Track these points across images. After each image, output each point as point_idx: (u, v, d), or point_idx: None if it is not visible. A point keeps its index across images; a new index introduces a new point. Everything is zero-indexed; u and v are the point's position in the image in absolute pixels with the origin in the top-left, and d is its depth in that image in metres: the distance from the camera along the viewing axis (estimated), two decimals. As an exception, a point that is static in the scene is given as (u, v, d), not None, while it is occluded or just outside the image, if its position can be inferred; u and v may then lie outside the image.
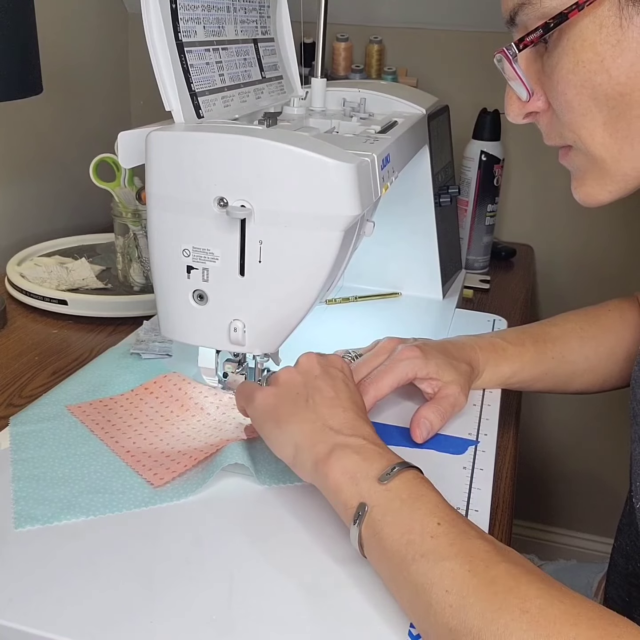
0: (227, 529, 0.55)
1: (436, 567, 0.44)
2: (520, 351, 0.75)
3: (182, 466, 0.60)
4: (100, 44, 1.37)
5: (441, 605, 0.43)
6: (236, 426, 0.66)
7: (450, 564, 0.44)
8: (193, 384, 0.72)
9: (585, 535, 1.64)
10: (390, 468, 0.50)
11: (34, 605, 0.47)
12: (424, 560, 0.45)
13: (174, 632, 0.46)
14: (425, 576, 0.44)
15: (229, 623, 0.47)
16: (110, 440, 0.64)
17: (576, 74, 0.50)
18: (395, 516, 0.47)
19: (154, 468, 0.60)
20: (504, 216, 1.41)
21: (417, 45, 1.36)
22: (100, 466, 0.60)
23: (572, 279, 1.44)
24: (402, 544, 0.46)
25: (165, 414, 0.68)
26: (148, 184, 0.58)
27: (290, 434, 0.55)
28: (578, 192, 0.58)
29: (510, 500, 0.65)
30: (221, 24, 0.65)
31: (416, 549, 0.45)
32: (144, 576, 0.50)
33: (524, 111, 0.58)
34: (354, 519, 0.49)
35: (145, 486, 0.58)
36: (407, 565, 0.45)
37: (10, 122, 1.13)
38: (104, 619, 0.46)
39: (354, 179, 0.54)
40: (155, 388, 0.71)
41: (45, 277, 0.99)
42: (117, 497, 0.57)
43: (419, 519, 0.47)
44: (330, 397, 0.56)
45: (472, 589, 0.42)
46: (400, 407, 0.73)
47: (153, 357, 0.79)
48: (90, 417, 0.66)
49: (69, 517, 0.54)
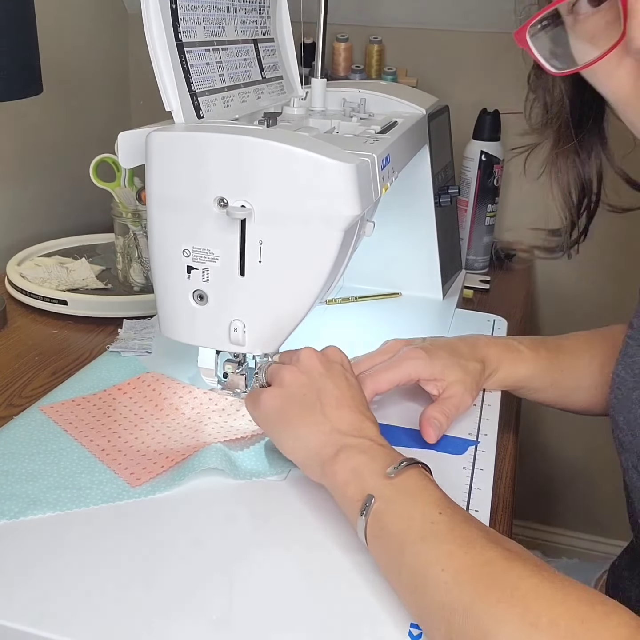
0: (227, 528, 0.55)
1: (435, 549, 0.45)
2: (535, 356, 0.74)
3: (159, 467, 0.60)
4: (100, 44, 1.37)
5: (436, 582, 0.44)
6: (212, 427, 0.67)
7: (448, 546, 0.45)
8: (167, 385, 0.72)
9: (585, 535, 1.63)
10: (398, 463, 0.51)
11: (34, 605, 0.47)
12: (424, 542, 0.46)
13: (174, 632, 0.46)
14: (425, 556, 0.45)
15: (229, 623, 0.47)
16: (84, 438, 0.64)
17: None
18: (398, 505, 0.49)
19: (131, 467, 0.60)
20: (504, 216, 1.41)
21: (417, 45, 1.36)
22: (70, 462, 0.60)
23: (572, 279, 1.44)
24: (403, 529, 0.48)
25: (140, 413, 0.68)
26: (148, 184, 0.58)
27: (301, 437, 0.56)
28: None
29: (510, 500, 0.65)
30: (221, 24, 0.65)
31: (417, 532, 0.47)
32: (144, 576, 0.50)
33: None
34: (361, 511, 0.50)
35: (113, 482, 0.58)
36: (408, 547, 0.46)
37: (10, 122, 1.13)
38: (105, 618, 0.46)
39: (354, 179, 0.54)
40: (129, 389, 0.72)
41: (45, 277, 0.99)
42: (84, 492, 0.57)
43: (421, 508, 0.48)
44: (336, 397, 0.57)
45: (467, 568, 0.44)
46: (403, 408, 0.73)
47: (132, 354, 0.79)
48: (63, 417, 0.67)
49: (35, 513, 0.54)
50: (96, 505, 0.56)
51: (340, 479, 0.53)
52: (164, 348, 0.80)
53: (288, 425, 0.57)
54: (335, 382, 0.59)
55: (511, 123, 1.31)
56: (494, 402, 0.75)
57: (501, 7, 1.28)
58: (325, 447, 0.55)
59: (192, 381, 0.74)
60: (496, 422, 0.72)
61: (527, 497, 1.57)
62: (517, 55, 1.31)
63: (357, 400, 0.59)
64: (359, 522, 0.50)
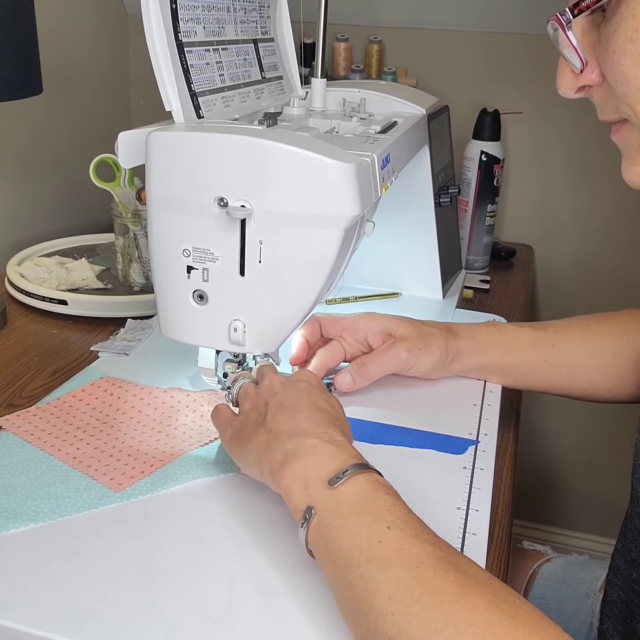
0: (226, 527, 0.55)
1: (382, 572, 0.42)
2: (517, 330, 0.75)
3: (138, 472, 0.60)
4: (100, 44, 1.37)
5: (383, 612, 0.41)
6: (183, 431, 0.66)
7: (396, 571, 0.42)
8: (124, 387, 0.71)
9: (586, 535, 1.63)
10: (342, 471, 0.49)
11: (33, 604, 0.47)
12: (370, 565, 0.43)
13: (174, 632, 0.46)
14: (370, 581, 0.42)
15: (229, 623, 0.47)
16: (50, 448, 0.62)
17: (634, 42, 0.46)
18: (344, 521, 0.46)
19: (109, 473, 0.60)
20: (504, 216, 1.41)
21: (417, 45, 1.36)
22: (41, 473, 0.59)
23: (572, 278, 1.44)
24: (349, 548, 0.45)
25: (102, 418, 0.67)
26: (148, 184, 0.58)
27: (250, 452, 0.55)
28: (629, 172, 0.53)
29: (510, 500, 0.65)
30: (221, 24, 0.65)
31: (362, 553, 0.44)
32: (144, 575, 0.50)
33: (576, 84, 0.53)
34: (301, 522, 0.48)
35: (92, 488, 0.58)
36: (352, 570, 0.43)
37: (10, 122, 1.13)
38: (104, 619, 0.46)
39: (354, 179, 0.54)
40: (85, 396, 0.71)
41: (45, 277, 0.99)
42: (63, 501, 0.56)
43: (368, 523, 0.45)
44: (286, 405, 0.56)
45: (417, 597, 0.40)
46: (399, 407, 0.73)
47: (109, 355, 0.79)
48: (22, 429, 0.65)
49: (17, 526, 0.53)
50: (78, 512, 0.55)
51: (284, 487, 0.50)
52: (164, 348, 0.80)
53: (241, 445, 0.56)
54: (291, 395, 0.57)
55: (511, 123, 1.32)
56: (494, 402, 0.75)
57: (501, 8, 1.28)
58: (271, 452, 0.52)
59: (191, 381, 0.74)
60: (496, 422, 0.72)
61: (527, 497, 1.57)
62: (517, 55, 1.32)
63: (311, 405, 0.56)
64: (299, 533, 0.48)
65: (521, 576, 0.86)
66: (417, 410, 0.73)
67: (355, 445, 0.66)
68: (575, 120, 1.33)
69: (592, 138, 1.32)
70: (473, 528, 0.57)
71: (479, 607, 0.39)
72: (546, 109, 1.34)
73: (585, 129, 1.33)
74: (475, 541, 0.55)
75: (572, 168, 1.35)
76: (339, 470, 0.49)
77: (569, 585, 0.83)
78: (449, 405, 0.74)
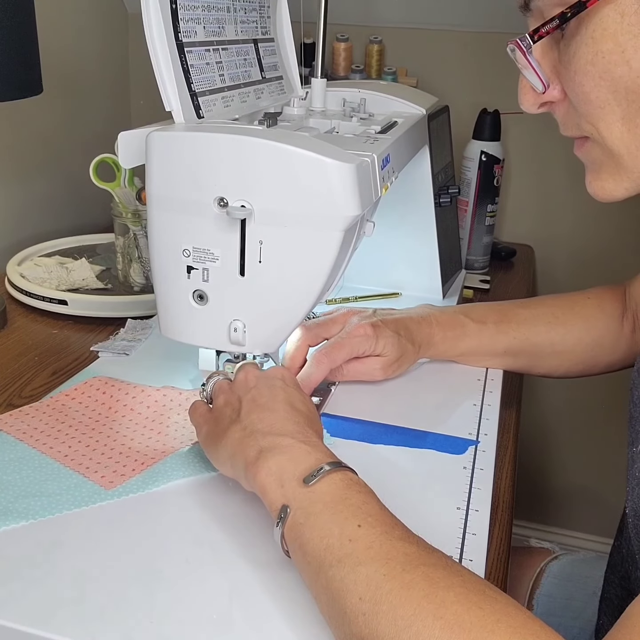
0: (226, 526, 0.55)
1: (352, 572, 0.42)
2: (480, 329, 0.78)
3: (129, 469, 0.60)
4: (100, 44, 1.37)
5: (355, 613, 0.41)
6: (175, 429, 0.66)
7: (365, 569, 0.42)
8: (117, 386, 0.72)
9: (586, 535, 1.63)
10: (317, 469, 0.49)
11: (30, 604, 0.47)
12: (341, 565, 0.43)
13: (174, 632, 0.46)
14: (342, 582, 0.42)
15: (229, 623, 0.47)
16: (42, 446, 0.62)
17: (595, 64, 0.47)
18: (316, 520, 0.46)
19: (100, 470, 0.60)
20: (504, 216, 1.41)
21: (417, 45, 1.36)
22: (32, 470, 0.59)
23: (572, 279, 1.44)
24: (322, 548, 0.45)
25: (94, 417, 0.68)
26: (148, 184, 0.58)
27: (224, 447, 0.54)
28: (592, 186, 0.55)
29: (510, 500, 0.65)
30: (221, 24, 0.65)
31: (334, 553, 0.44)
32: (144, 575, 0.50)
33: (538, 101, 0.54)
34: (276, 522, 0.48)
35: (83, 486, 0.58)
36: (325, 571, 0.44)
37: (10, 122, 1.13)
38: (105, 618, 0.46)
39: (354, 179, 0.54)
40: (77, 394, 0.71)
41: (45, 277, 0.99)
42: (54, 499, 0.56)
43: (339, 522, 0.46)
44: (262, 403, 0.56)
45: (386, 594, 0.40)
46: (400, 407, 0.73)
47: (109, 355, 0.79)
48: (15, 427, 0.65)
49: (8, 523, 0.53)
50: (69, 510, 0.55)
51: (259, 484, 0.50)
52: (164, 348, 0.79)
53: (216, 442, 0.56)
54: (267, 392, 0.57)
55: (511, 123, 1.31)
56: (494, 402, 0.75)
57: (502, 8, 1.28)
58: (245, 449, 0.52)
59: (193, 383, 0.74)
60: (496, 422, 0.72)
61: (527, 497, 1.57)
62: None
63: (286, 404, 0.56)
64: (274, 532, 0.48)
65: (528, 574, 0.86)
66: (417, 410, 0.73)
67: (356, 445, 0.67)
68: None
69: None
70: (473, 528, 0.57)
71: (446, 600, 0.39)
72: (546, 109, 1.34)
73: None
74: (475, 541, 0.55)
75: (572, 168, 1.35)
76: (314, 469, 0.49)
77: (576, 584, 0.83)
78: (449, 405, 0.74)
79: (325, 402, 0.73)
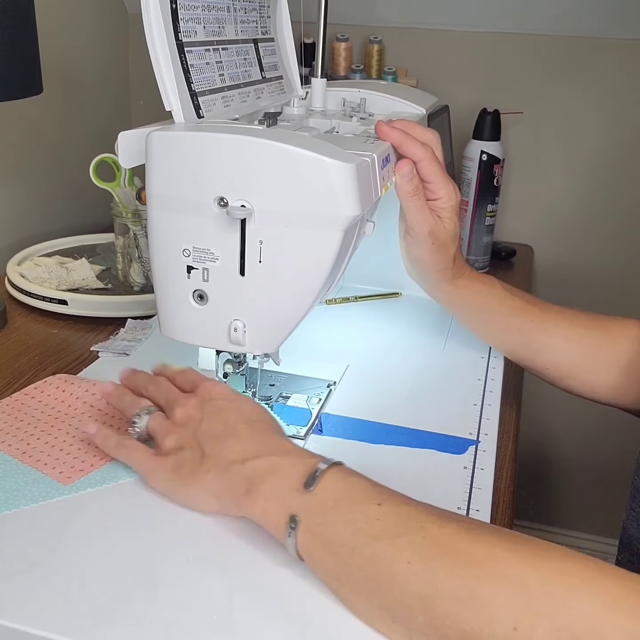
0: (226, 526, 0.55)
1: (392, 544, 0.45)
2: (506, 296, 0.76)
3: (88, 465, 0.60)
4: (100, 44, 1.37)
5: (405, 576, 0.43)
6: None
7: (405, 538, 0.44)
8: (76, 384, 0.72)
9: (586, 535, 1.64)
10: (313, 472, 0.49)
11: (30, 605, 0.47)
12: (378, 541, 0.45)
13: (174, 632, 0.46)
14: (384, 555, 0.44)
15: (229, 623, 0.47)
16: (1, 444, 0.62)
17: None
18: (335, 514, 0.47)
19: (58, 467, 0.60)
20: (504, 216, 1.41)
21: (417, 45, 1.36)
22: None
23: (572, 279, 1.44)
24: (350, 535, 0.46)
25: (53, 414, 0.68)
26: (148, 184, 0.58)
27: (202, 488, 0.54)
28: None
29: (510, 500, 0.65)
30: (221, 24, 0.65)
31: (367, 533, 0.46)
32: (145, 575, 0.50)
33: None
34: (287, 533, 0.48)
35: (41, 482, 0.58)
36: (360, 552, 0.45)
37: (10, 122, 1.13)
38: (105, 618, 0.46)
39: (354, 179, 0.54)
40: (37, 393, 0.71)
41: (45, 277, 0.99)
42: (12, 494, 0.56)
43: (359, 508, 0.47)
44: (219, 433, 0.55)
45: (433, 553, 0.43)
46: (402, 407, 0.73)
47: (109, 355, 0.80)
48: None
49: None
50: (26, 505, 0.55)
51: (260, 511, 0.50)
52: (164, 348, 0.79)
53: (187, 485, 0.54)
54: (217, 419, 0.56)
55: (511, 123, 1.32)
56: (494, 402, 0.75)
57: (501, 7, 1.28)
58: (230, 485, 0.52)
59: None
60: (496, 422, 0.72)
61: (527, 497, 1.57)
62: (517, 55, 1.32)
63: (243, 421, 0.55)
64: (287, 545, 0.48)
65: None
66: (417, 410, 0.73)
67: (356, 445, 0.67)
68: (575, 120, 1.33)
69: (592, 138, 1.32)
70: (473, 528, 0.57)
71: (491, 542, 0.43)
72: (546, 109, 1.34)
73: (585, 129, 1.33)
74: (476, 541, 0.55)
75: (572, 168, 1.35)
76: (309, 473, 0.50)
77: None
78: (449, 405, 0.74)
79: (325, 402, 0.73)
